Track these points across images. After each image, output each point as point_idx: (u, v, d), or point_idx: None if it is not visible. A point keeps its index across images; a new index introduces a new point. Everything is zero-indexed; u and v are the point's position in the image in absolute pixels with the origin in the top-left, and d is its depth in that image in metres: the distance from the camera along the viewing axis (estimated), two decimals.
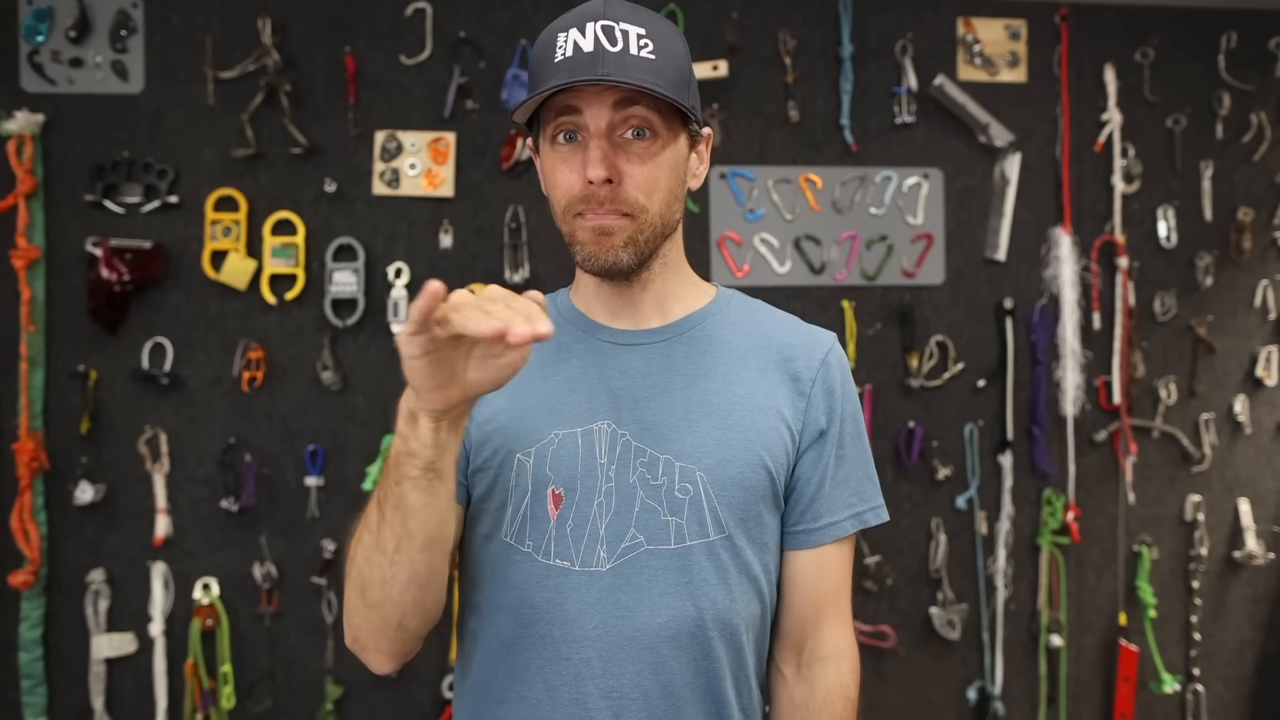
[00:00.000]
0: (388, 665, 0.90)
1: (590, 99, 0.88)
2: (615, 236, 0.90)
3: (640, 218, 0.90)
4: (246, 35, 2.01)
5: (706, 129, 1.00)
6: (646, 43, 0.89)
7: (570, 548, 0.90)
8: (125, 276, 1.94)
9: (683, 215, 0.99)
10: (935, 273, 2.21)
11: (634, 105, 0.88)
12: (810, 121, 2.17)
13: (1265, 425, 2.33)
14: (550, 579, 0.90)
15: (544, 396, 0.95)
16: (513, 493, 0.92)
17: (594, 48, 0.87)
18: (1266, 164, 2.32)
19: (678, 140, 0.93)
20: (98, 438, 1.98)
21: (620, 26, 0.88)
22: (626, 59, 0.87)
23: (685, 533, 0.90)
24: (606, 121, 0.88)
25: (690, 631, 0.90)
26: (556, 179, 0.92)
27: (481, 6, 2.08)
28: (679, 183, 0.95)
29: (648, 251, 0.93)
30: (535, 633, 0.91)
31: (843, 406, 0.98)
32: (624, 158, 0.90)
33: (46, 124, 1.96)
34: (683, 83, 0.92)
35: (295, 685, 2.02)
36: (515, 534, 0.92)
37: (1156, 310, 2.28)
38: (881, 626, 2.17)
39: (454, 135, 2.05)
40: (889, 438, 2.19)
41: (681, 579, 0.90)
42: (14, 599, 1.95)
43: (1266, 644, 2.34)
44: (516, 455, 0.92)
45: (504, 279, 2.05)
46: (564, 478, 0.91)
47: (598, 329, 0.99)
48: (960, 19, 2.22)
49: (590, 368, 0.96)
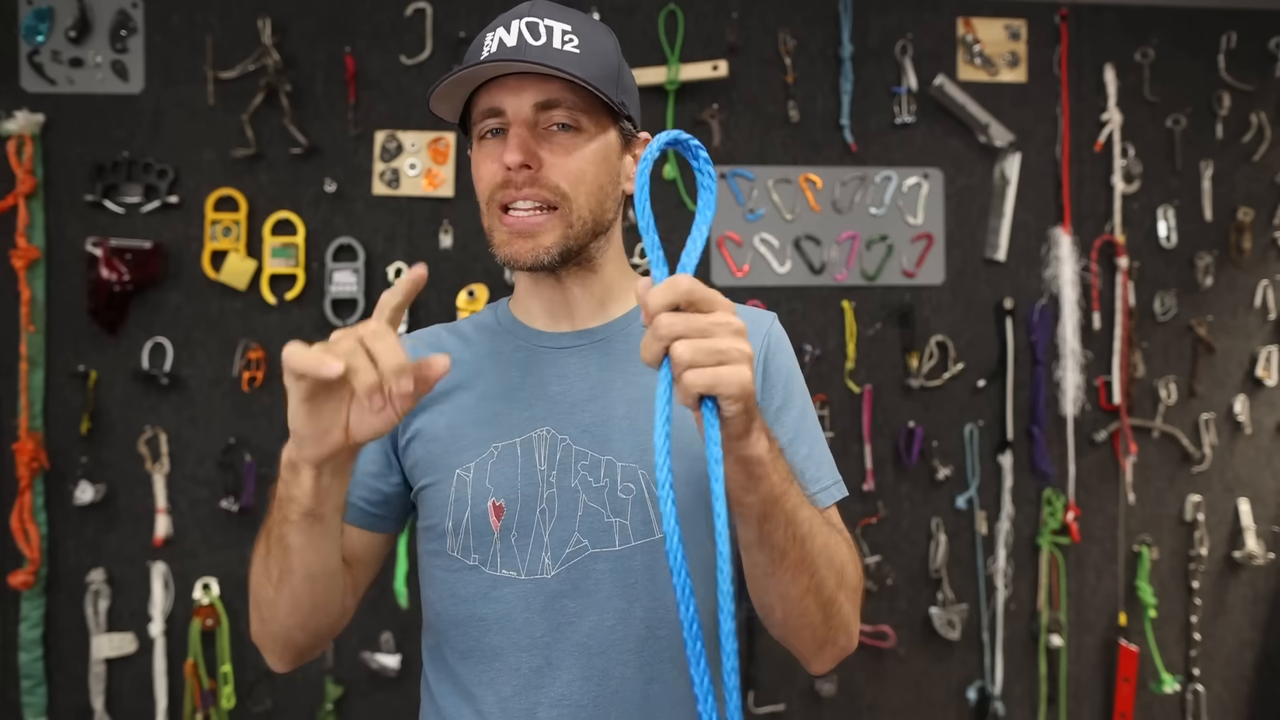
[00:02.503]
0: (281, 668, 0.92)
1: (509, 95, 0.88)
2: (539, 238, 0.88)
3: (563, 206, 0.89)
4: (246, 35, 2.01)
5: (644, 133, 0.98)
6: (571, 38, 0.89)
7: (516, 557, 0.89)
8: (125, 276, 1.94)
9: (618, 217, 0.97)
10: (935, 273, 2.21)
11: (556, 107, 0.88)
12: (810, 121, 2.17)
13: (1265, 425, 2.33)
14: (497, 590, 0.89)
15: (482, 409, 0.93)
16: (453, 508, 0.91)
17: (517, 42, 0.87)
18: (1266, 164, 2.32)
19: (606, 134, 0.92)
20: (98, 438, 1.98)
21: (545, 22, 0.88)
22: (549, 53, 0.87)
23: (630, 533, 0.89)
24: (527, 113, 0.88)
25: (639, 634, 0.88)
26: (480, 173, 0.91)
27: (481, 6, 2.08)
28: (609, 179, 0.93)
29: (576, 249, 0.91)
30: (485, 644, 0.90)
31: (788, 385, 0.96)
32: (547, 148, 0.89)
33: (46, 124, 1.96)
34: (609, 78, 0.90)
35: (295, 685, 2.02)
36: (461, 548, 0.91)
37: (1156, 310, 2.28)
38: (881, 626, 2.17)
39: (454, 135, 2.05)
40: (889, 438, 2.19)
41: (627, 580, 0.88)
42: (14, 599, 1.95)
43: (1266, 644, 2.34)
44: (456, 471, 0.91)
45: (504, 279, 2.06)
46: (504, 489, 0.90)
47: (534, 335, 0.98)
48: (960, 19, 2.22)
49: (528, 375, 0.95)
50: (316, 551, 0.81)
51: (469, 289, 2.05)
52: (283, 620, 0.86)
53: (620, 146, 0.95)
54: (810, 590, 0.81)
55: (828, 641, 0.86)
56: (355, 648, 2.02)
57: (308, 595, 0.84)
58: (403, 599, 1.98)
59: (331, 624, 0.91)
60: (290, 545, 0.80)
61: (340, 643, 2.02)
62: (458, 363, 0.97)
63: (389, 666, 2.00)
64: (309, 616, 0.86)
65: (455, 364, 0.96)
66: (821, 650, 0.87)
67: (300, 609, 0.85)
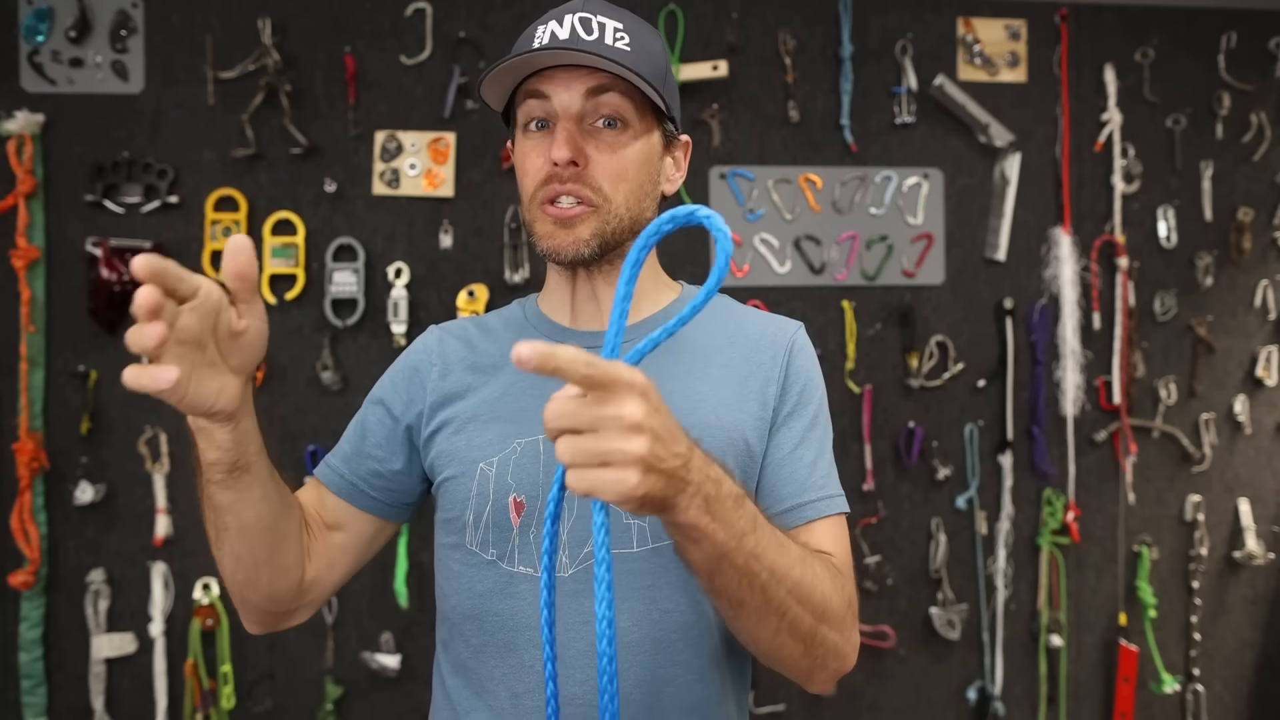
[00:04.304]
0: (253, 629, 0.96)
1: (560, 84, 0.88)
2: (578, 228, 0.89)
3: (604, 208, 0.90)
4: (246, 35, 2.01)
5: (685, 136, 1.00)
6: (623, 36, 0.89)
7: (533, 554, 0.89)
8: (125, 276, 1.94)
9: (655, 217, 0.97)
10: (935, 273, 2.21)
11: (605, 93, 0.88)
12: (810, 121, 2.17)
13: (1265, 425, 2.33)
14: (513, 586, 0.90)
15: (506, 405, 0.94)
16: (474, 502, 0.92)
17: (569, 35, 0.88)
18: (1266, 164, 2.32)
19: (650, 135, 0.93)
20: (98, 438, 1.98)
21: (598, 19, 0.89)
22: (601, 47, 0.87)
23: (648, 535, 0.89)
24: (577, 107, 0.88)
25: (654, 637, 0.88)
26: (526, 167, 0.92)
27: (481, 6, 2.08)
28: (650, 179, 0.94)
29: (612, 244, 0.92)
30: (499, 640, 0.90)
31: (803, 392, 0.95)
32: (592, 144, 0.89)
33: (46, 124, 1.96)
34: (658, 78, 0.91)
35: (295, 685, 2.02)
36: (479, 543, 0.92)
37: (1156, 310, 2.28)
38: (881, 626, 2.17)
39: (454, 135, 2.05)
40: (889, 438, 2.19)
41: (644, 583, 0.88)
42: (14, 599, 1.95)
43: (1266, 644, 2.34)
44: (479, 465, 0.92)
45: (504, 279, 2.05)
46: (525, 485, 0.90)
47: (562, 332, 0.98)
48: (960, 19, 2.22)
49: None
50: (247, 504, 0.83)
51: (469, 289, 2.05)
52: (230, 577, 0.89)
53: (662, 148, 0.96)
54: (782, 630, 0.78)
55: (815, 669, 0.84)
56: (355, 648, 2.02)
57: (246, 549, 0.86)
58: (403, 599, 1.98)
59: (288, 586, 0.92)
60: (221, 504, 0.83)
61: (340, 643, 2.02)
62: (483, 357, 0.98)
63: (389, 666, 2.00)
64: (252, 571, 0.88)
65: (481, 358, 0.98)
66: (811, 676, 0.85)
67: (242, 564, 0.87)
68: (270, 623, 0.96)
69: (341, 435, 1.02)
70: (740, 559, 0.70)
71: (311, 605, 0.98)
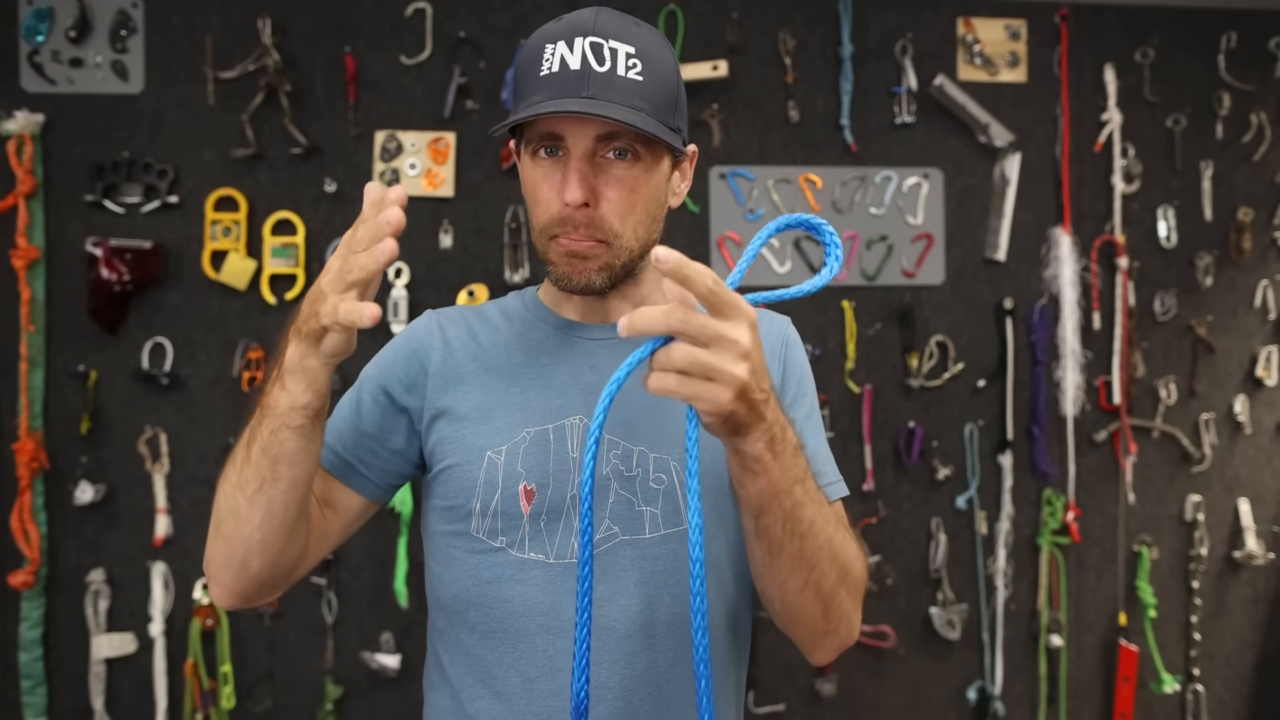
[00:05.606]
0: (227, 601, 0.91)
1: (572, 126, 0.88)
2: (590, 261, 0.90)
3: (615, 244, 0.91)
4: (246, 35, 2.01)
5: (691, 146, 1.00)
6: (635, 63, 0.88)
7: (545, 541, 0.91)
8: (125, 276, 1.94)
9: (660, 232, 0.99)
10: (935, 273, 2.21)
11: (617, 138, 0.88)
12: (810, 121, 2.17)
13: (1265, 425, 2.33)
14: (524, 572, 0.91)
15: (513, 394, 0.95)
16: (483, 489, 0.92)
17: (580, 65, 0.86)
18: (1266, 164, 2.32)
19: (660, 164, 0.93)
20: (98, 438, 1.98)
21: (610, 44, 0.87)
22: (614, 81, 0.86)
23: (660, 522, 0.91)
24: (588, 147, 0.88)
25: (667, 620, 0.90)
26: (536, 196, 0.92)
27: (481, 6, 2.08)
28: (658, 206, 0.95)
29: (622, 275, 0.93)
30: (509, 626, 0.91)
31: (800, 383, 1.00)
32: (603, 179, 0.89)
33: (46, 124, 1.96)
34: (670, 105, 0.91)
35: (295, 685, 2.02)
36: (487, 530, 0.92)
37: (1156, 310, 2.28)
38: (881, 626, 2.17)
39: (454, 135, 2.05)
40: (889, 438, 2.19)
41: (656, 568, 0.90)
42: (14, 599, 1.95)
43: (1266, 644, 2.34)
44: (486, 453, 0.93)
45: (504, 279, 2.06)
46: (536, 473, 0.91)
47: (568, 325, 0.99)
48: (960, 19, 2.22)
49: (560, 363, 0.96)
50: (309, 455, 0.84)
51: (469, 289, 2.05)
52: (247, 535, 0.86)
53: (671, 168, 0.96)
54: (809, 585, 0.82)
55: (828, 633, 0.87)
56: (355, 648, 2.03)
57: (282, 505, 0.85)
58: (403, 599, 1.98)
59: (292, 556, 0.91)
60: (287, 451, 0.82)
61: (340, 643, 2.02)
62: (485, 346, 0.99)
63: (389, 666, 2.00)
64: (278, 531, 0.86)
65: (482, 347, 0.99)
66: (822, 641, 0.89)
67: (273, 518, 0.85)
68: (251, 595, 0.92)
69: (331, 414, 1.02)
70: (788, 503, 0.76)
71: (290, 582, 0.96)
